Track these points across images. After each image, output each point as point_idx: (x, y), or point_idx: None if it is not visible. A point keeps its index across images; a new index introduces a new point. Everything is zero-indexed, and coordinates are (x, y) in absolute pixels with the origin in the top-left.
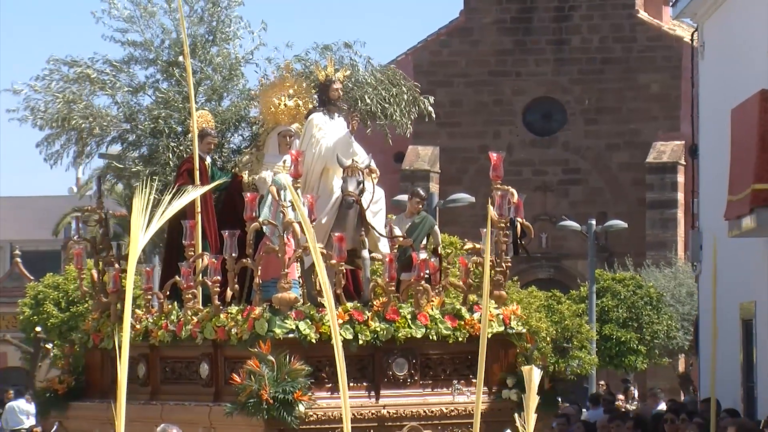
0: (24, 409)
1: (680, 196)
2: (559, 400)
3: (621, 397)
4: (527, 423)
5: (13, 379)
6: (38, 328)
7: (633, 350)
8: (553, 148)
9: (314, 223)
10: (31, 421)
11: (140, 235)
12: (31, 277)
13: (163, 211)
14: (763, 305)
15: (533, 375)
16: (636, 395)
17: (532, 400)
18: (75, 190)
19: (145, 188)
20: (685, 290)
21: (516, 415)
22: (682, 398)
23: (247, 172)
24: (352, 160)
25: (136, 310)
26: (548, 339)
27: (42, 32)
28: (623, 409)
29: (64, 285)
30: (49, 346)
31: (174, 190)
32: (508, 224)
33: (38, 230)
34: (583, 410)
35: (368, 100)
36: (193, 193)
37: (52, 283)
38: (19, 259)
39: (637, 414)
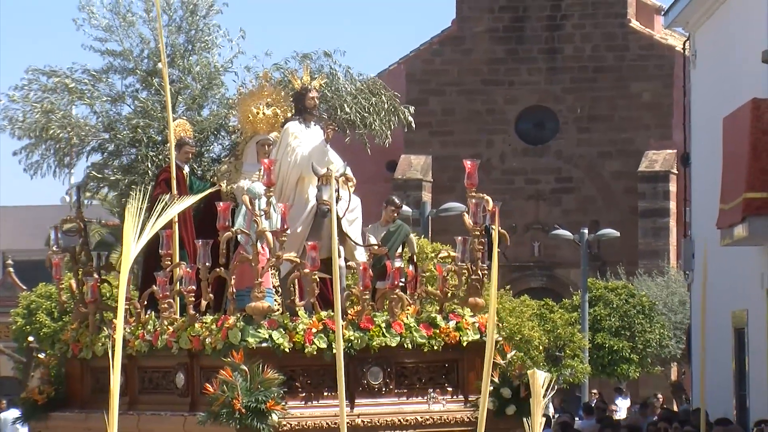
0: (18, 419)
1: (672, 204)
2: (551, 409)
3: (613, 407)
4: (533, 425)
5: (6, 389)
6: (31, 338)
7: (625, 359)
8: (546, 157)
9: (289, 232)
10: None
11: (133, 246)
12: (24, 287)
13: (154, 222)
14: (755, 314)
15: (537, 378)
16: (629, 404)
17: (538, 404)
18: (67, 199)
19: (136, 199)
20: (677, 299)
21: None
22: (675, 407)
23: (225, 181)
24: (327, 168)
25: (114, 320)
26: (540, 348)
27: (21, 42)
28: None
29: (56, 295)
30: (42, 355)
31: (153, 200)
32: (483, 232)
33: (30, 240)
34: (576, 419)
35: (347, 109)
36: (181, 204)
37: (44, 293)
38: (11, 269)
39: (629, 423)
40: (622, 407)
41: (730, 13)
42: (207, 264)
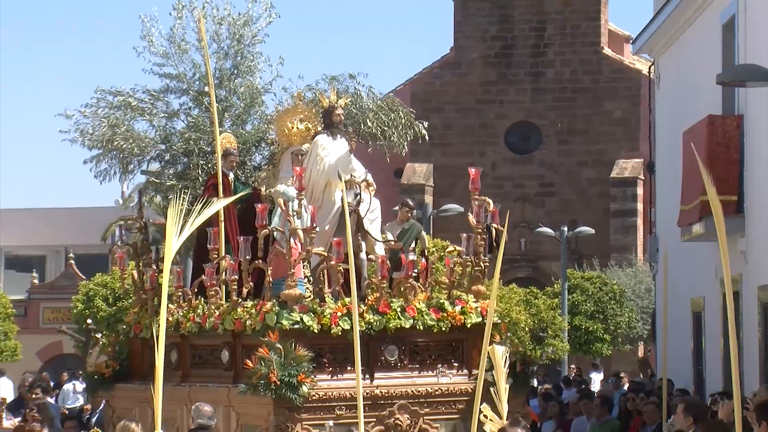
0: (78, 389)
1: (640, 206)
2: (535, 382)
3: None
4: (500, 396)
5: (68, 364)
6: (89, 321)
7: (599, 339)
8: (531, 165)
9: (318, 230)
10: (82, 401)
11: (174, 240)
12: (83, 277)
13: (194, 220)
14: (710, 300)
15: (497, 352)
16: (602, 377)
17: (501, 374)
18: (120, 201)
19: (178, 200)
20: (644, 287)
21: (492, 390)
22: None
23: (265, 186)
24: (351, 175)
25: (169, 305)
26: (526, 329)
27: (91, 65)
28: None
29: (111, 283)
30: (99, 335)
31: (203, 202)
32: (485, 229)
33: (89, 236)
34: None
35: (369, 124)
36: (217, 205)
37: (101, 282)
38: (72, 261)
39: (602, 393)
40: (596, 380)
41: (690, 41)
42: (247, 257)
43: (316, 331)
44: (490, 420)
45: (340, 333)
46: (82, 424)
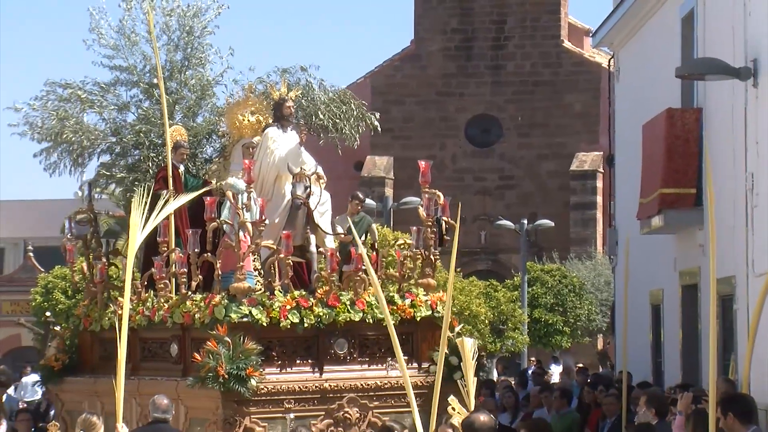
0: (37, 382)
1: (599, 199)
2: (495, 374)
3: (550, 372)
4: (468, 387)
5: (27, 357)
6: (48, 313)
7: (559, 331)
8: (491, 158)
9: (267, 223)
10: (41, 394)
11: (138, 235)
12: (42, 269)
13: (157, 214)
14: (668, 292)
15: (466, 345)
16: (561, 369)
17: (470, 367)
18: (79, 194)
19: (142, 194)
20: (603, 280)
21: (457, 379)
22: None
23: (215, 178)
24: (301, 168)
25: (118, 298)
26: (486, 321)
27: (40, 58)
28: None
29: (70, 276)
30: (57, 328)
31: (153, 195)
32: (435, 222)
33: (48, 229)
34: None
35: (321, 116)
36: (181, 200)
37: (59, 275)
38: (31, 254)
39: (561, 386)
40: (555, 372)
41: (649, 34)
42: (196, 250)
43: (265, 324)
44: (458, 413)
45: (289, 326)
46: (39, 417)
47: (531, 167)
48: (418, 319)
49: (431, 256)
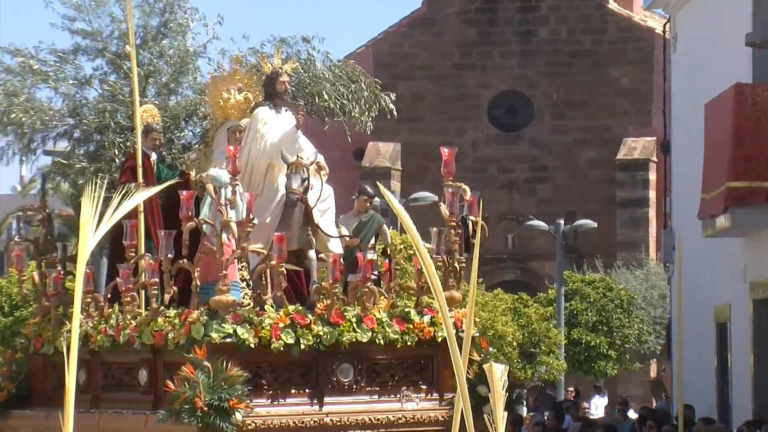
0: None
1: (652, 194)
2: (524, 409)
3: (585, 406)
4: (496, 421)
5: None
6: None
7: (603, 355)
8: (520, 144)
9: (257, 222)
10: None
11: (90, 237)
12: None
13: (113, 212)
14: (737, 308)
15: (495, 372)
16: (606, 402)
17: (498, 397)
18: (19, 188)
19: (93, 187)
20: (657, 293)
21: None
22: (654, 405)
23: (195, 169)
24: (297, 156)
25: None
26: (514, 344)
27: None
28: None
29: (7, 288)
30: None
31: (121, 189)
32: (460, 223)
33: None
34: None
35: (326, 96)
36: (142, 194)
37: None
38: None
39: (606, 422)
40: (599, 405)
41: None
42: (170, 256)
43: (252, 346)
44: None
45: (281, 348)
46: None
47: (568, 155)
48: (439, 339)
49: (455, 263)
